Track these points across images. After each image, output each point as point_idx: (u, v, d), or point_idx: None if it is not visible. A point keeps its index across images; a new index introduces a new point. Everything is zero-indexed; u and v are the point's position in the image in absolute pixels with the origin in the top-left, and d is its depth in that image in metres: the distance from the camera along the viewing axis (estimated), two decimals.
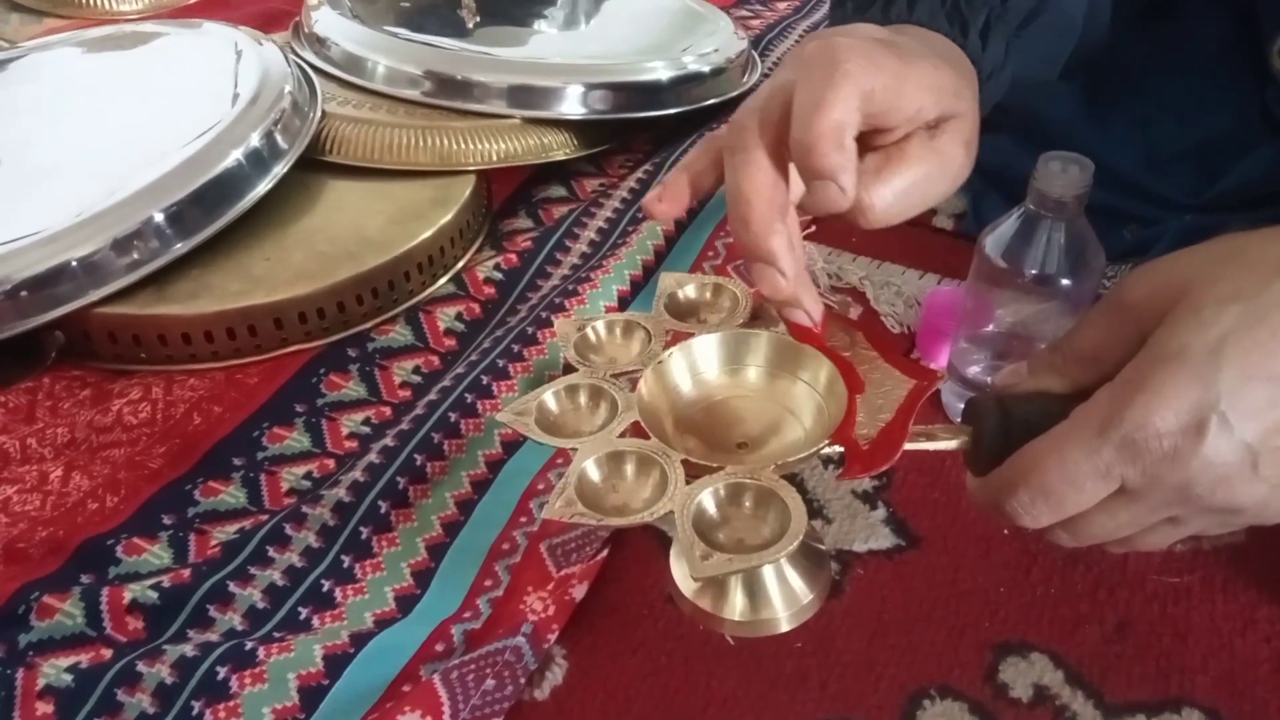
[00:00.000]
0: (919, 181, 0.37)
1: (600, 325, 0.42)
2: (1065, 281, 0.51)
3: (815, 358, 0.39)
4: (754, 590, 0.38)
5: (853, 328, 0.39)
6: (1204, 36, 0.63)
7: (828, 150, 0.33)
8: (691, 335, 0.41)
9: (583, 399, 0.39)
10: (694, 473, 0.35)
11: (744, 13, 1.14)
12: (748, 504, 0.34)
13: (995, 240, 0.52)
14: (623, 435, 0.36)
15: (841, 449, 0.35)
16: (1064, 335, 0.37)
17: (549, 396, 0.38)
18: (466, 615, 0.47)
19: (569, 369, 0.41)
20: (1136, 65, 0.65)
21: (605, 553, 0.49)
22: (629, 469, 0.35)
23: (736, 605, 0.38)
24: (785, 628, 0.38)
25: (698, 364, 0.40)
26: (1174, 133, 0.64)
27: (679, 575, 0.38)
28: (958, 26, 0.44)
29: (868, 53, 0.35)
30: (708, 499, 0.33)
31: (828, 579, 0.39)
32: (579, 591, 0.47)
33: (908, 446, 0.35)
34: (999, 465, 0.35)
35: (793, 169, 0.36)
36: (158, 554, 0.51)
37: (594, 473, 0.35)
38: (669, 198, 0.40)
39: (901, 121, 0.37)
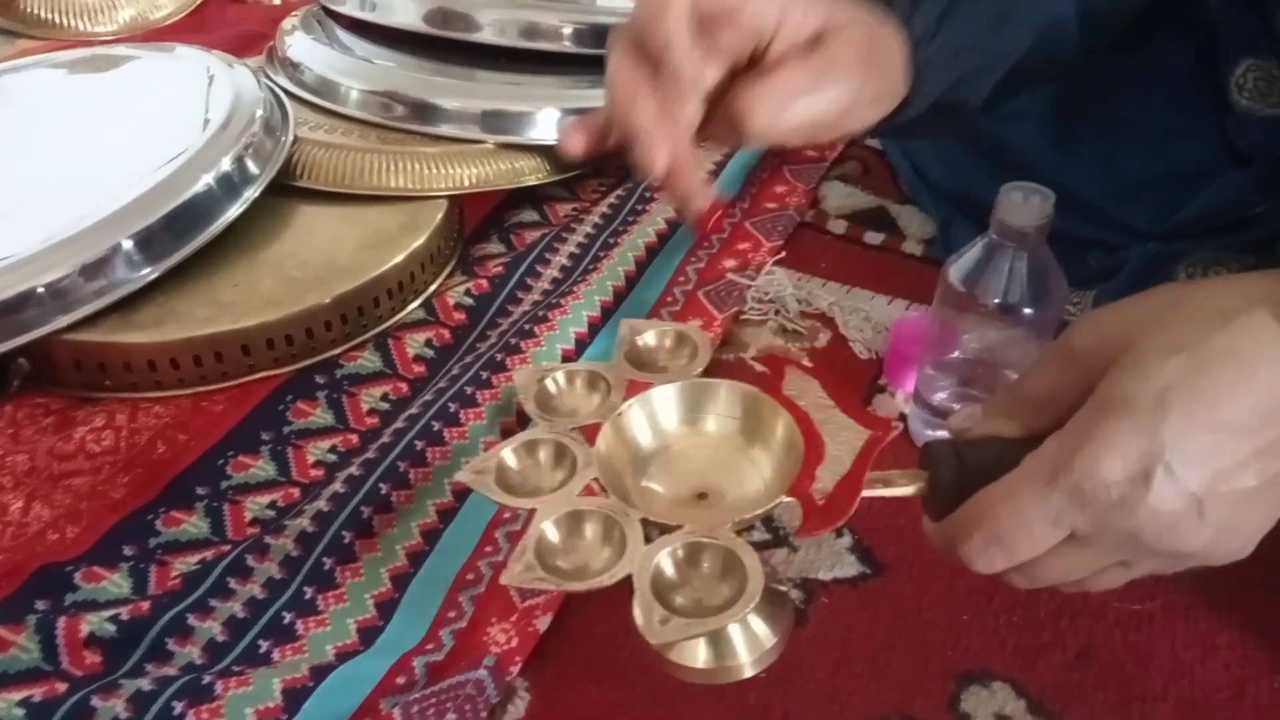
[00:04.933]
0: (801, 88, 0.39)
1: (560, 376, 0.42)
2: (1027, 310, 0.52)
3: (773, 408, 0.39)
4: (717, 639, 0.37)
5: (810, 377, 0.39)
6: (1168, 66, 0.64)
7: (659, 26, 0.37)
8: (650, 384, 0.40)
9: (543, 455, 0.39)
10: (654, 528, 0.34)
11: None
12: (706, 564, 0.34)
13: (958, 269, 0.53)
14: (583, 493, 0.36)
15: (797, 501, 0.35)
16: (1016, 380, 0.38)
17: (508, 453, 0.38)
18: (429, 647, 0.47)
19: (524, 417, 0.40)
20: (1102, 94, 0.66)
21: None
22: (588, 529, 0.35)
23: (700, 655, 0.37)
24: (749, 674, 0.37)
25: (657, 415, 0.40)
26: (1139, 161, 0.65)
27: (642, 621, 0.37)
28: None
29: None
30: (665, 560, 0.33)
31: (790, 620, 0.39)
32: (543, 623, 0.47)
33: (866, 494, 0.35)
34: (955, 509, 0.36)
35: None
36: (117, 582, 0.50)
37: (553, 533, 0.35)
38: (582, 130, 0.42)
39: (764, 31, 0.39)
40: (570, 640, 0.48)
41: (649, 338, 0.44)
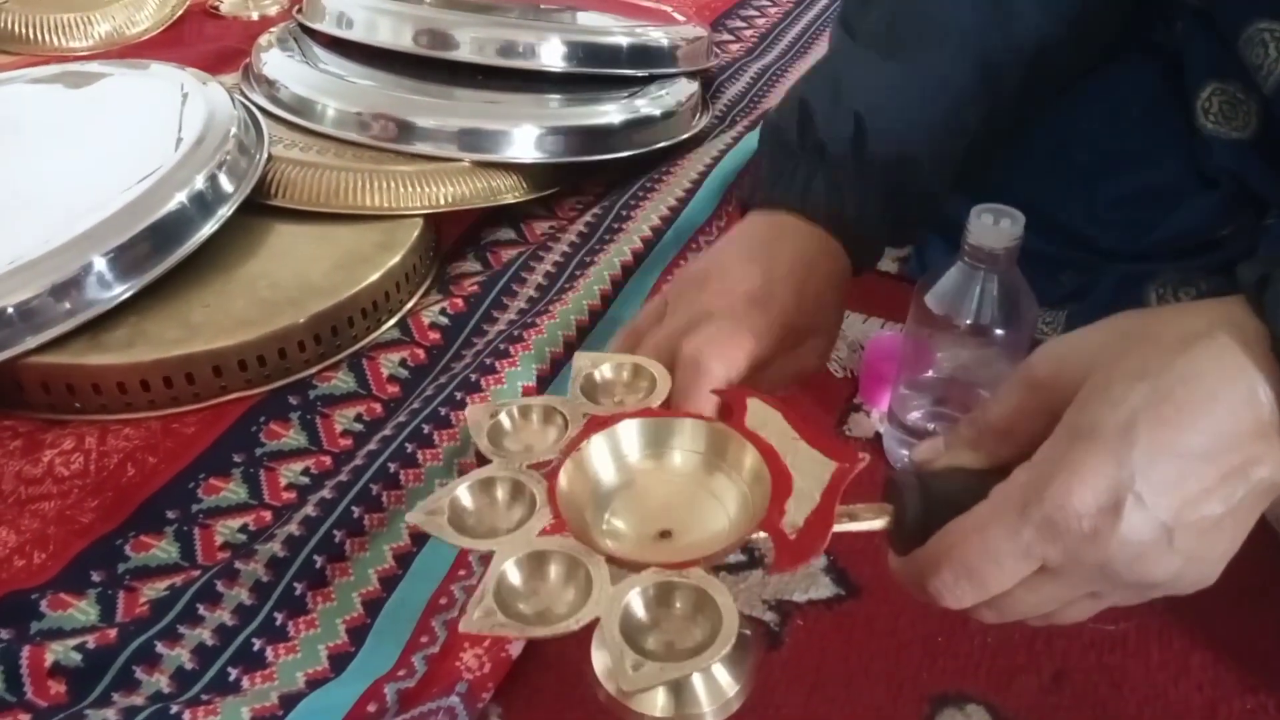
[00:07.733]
0: (775, 381, 0.47)
1: (515, 411, 0.40)
2: (999, 331, 0.52)
3: (738, 442, 0.38)
4: (679, 687, 0.35)
5: (772, 407, 0.39)
6: (1136, 89, 0.64)
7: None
8: (609, 419, 0.39)
9: (499, 493, 0.37)
10: (620, 568, 0.33)
11: None
12: (678, 604, 0.32)
13: (931, 292, 0.53)
14: (542, 533, 0.34)
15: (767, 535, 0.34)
16: (978, 410, 0.37)
17: (462, 492, 0.36)
18: (401, 673, 0.46)
19: (482, 459, 0.39)
20: (1073, 116, 0.67)
21: None
22: (551, 570, 0.33)
23: (659, 702, 0.35)
24: None
25: (620, 450, 0.39)
26: (1109, 183, 0.65)
27: (600, 666, 0.35)
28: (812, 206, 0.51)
29: (732, 338, 0.43)
30: (636, 602, 0.32)
31: (755, 664, 0.37)
32: (516, 648, 0.46)
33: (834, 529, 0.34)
34: (921, 543, 0.35)
35: None
36: (84, 609, 0.50)
37: (514, 575, 0.33)
38: None
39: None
40: (543, 666, 0.47)
41: (605, 370, 0.43)
